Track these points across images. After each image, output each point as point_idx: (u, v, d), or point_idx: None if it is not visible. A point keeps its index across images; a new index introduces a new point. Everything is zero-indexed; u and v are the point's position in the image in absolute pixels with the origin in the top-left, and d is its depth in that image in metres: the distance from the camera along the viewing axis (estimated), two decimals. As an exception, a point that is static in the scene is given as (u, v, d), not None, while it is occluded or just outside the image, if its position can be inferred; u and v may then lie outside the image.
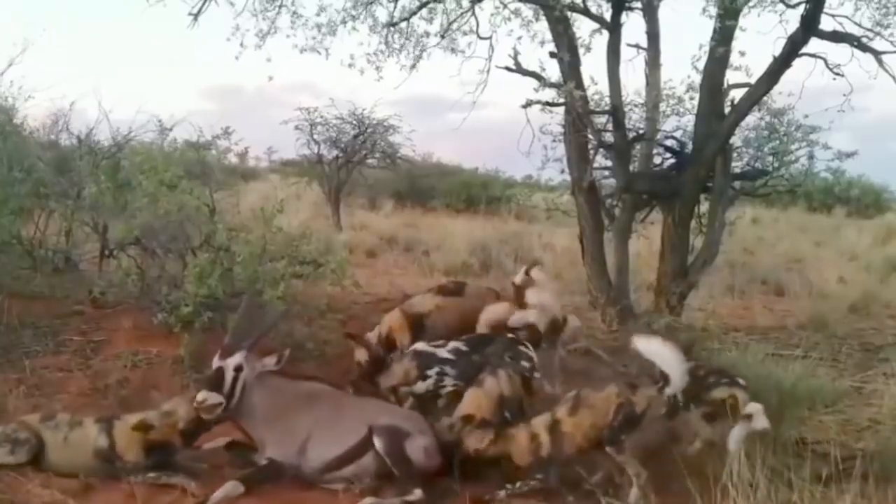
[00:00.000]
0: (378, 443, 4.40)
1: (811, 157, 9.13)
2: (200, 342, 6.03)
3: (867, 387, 6.02)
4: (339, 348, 6.54)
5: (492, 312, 6.23)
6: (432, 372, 5.49)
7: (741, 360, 5.75)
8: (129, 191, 7.20)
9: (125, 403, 5.38)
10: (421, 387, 5.52)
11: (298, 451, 4.46)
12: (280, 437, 4.50)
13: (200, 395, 4.31)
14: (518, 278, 6.51)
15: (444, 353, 5.60)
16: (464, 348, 5.62)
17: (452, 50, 8.48)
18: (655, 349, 4.36)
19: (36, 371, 5.83)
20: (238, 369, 4.43)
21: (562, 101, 7.84)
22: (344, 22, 8.19)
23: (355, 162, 18.95)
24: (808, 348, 7.34)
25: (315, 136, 18.45)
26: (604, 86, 8.19)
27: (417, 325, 6.41)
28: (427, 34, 8.37)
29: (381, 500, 4.20)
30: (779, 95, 8.54)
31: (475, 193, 24.55)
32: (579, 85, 7.79)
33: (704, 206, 8.92)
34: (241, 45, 8.26)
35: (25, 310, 6.74)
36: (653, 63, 8.51)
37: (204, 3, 8.43)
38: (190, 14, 8.48)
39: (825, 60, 7.52)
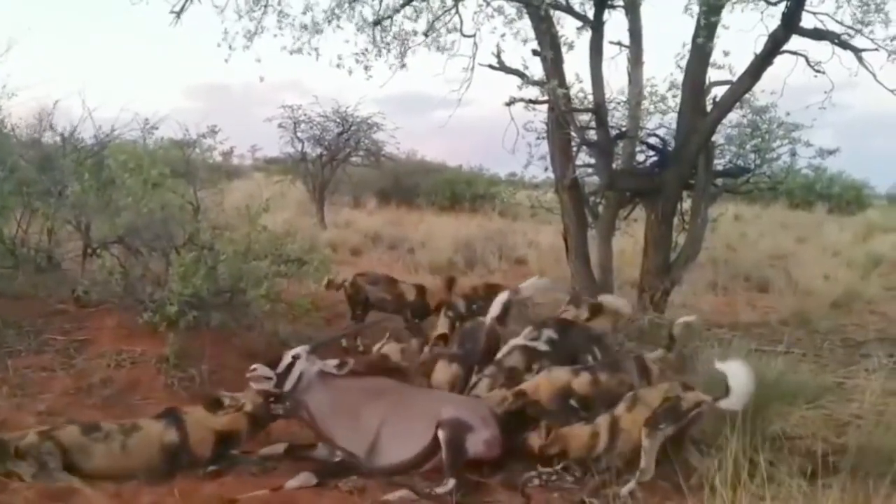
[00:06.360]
0: (441, 435, 4.44)
1: (793, 154, 9.25)
2: (185, 341, 6.01)
3: (849, 382, 6.06)
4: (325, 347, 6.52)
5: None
6: (537, 367, 5.39)
7: (724, 355, 5.77)
8: (113, 189, 7.17)
9: (109, 403, 5.36)
10: None
11: (369, 450, 4.51)
12: (349, 433, 4.56)
13: (256, 368, 4.59)
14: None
15: (542, 346, 5.60)
16: (553, 335, 5.68)
17: (437, 48, 8.49)
18: (734, 370, 4.42)
19: (19, 371, 5.78)
20: (295, 357, 4.64)
21: (545, 98, 7.87)
22: (329, 21, 8.18)
23: (339, 160, 18.90)
24: (790, 344, 7.42)
25: (299, 134, 18.41)
26: (587, 83, 8.23)
27: None
28: (415, 32, 8.38)
29: (412, 493, 4.20)
30: (761, 93, 8.64)
31: (459, 191, 24.57)
32: (562, 83, 7.81)
33: (687, 204, 8.98)
34: (230, 47, 8.24)
35: (8, 309, 6.69)
36: (635, 61, 8.55)
37: (186, 1, 8.39)
38: (172, 12, 8.44)
39: (806, 58, 7.59)
